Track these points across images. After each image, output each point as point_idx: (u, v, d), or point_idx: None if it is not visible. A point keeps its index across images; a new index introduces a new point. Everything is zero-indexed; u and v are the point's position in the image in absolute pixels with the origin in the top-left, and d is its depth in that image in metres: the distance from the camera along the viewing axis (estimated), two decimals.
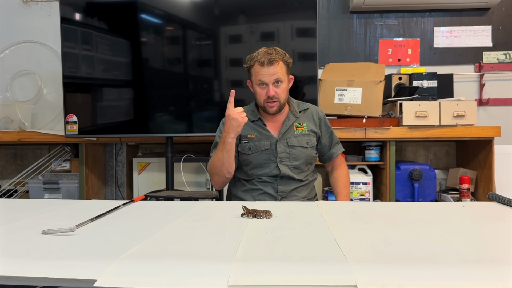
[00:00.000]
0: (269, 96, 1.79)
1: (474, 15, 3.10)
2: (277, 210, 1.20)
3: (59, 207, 1.33)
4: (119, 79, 2.61)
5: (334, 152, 2.00)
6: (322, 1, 3.16)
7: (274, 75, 1.77)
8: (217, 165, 1.82)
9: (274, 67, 1.77)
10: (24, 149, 3.33)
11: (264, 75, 1.77)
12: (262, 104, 1.84)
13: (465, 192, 2.61)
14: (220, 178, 1.87)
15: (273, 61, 1.76)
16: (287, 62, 1.83)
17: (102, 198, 3.15)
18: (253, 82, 1.84)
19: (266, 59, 1.76)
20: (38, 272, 0.70)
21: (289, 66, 1.85)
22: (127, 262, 0.73)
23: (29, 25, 3.29)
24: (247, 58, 1.85)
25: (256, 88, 1.84)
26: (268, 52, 1.78)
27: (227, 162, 1.79)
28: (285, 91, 1.84)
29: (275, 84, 1.79)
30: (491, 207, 1.31)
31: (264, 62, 1.76)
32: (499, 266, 0.72)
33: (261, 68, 1.77)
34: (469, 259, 0.77)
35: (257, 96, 1.85)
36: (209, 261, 0.74)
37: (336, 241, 0.87)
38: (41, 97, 3.19)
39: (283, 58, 1.81)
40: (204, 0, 2.56)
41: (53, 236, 0.93)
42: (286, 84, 1.84)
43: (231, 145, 1.76)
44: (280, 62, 1.79)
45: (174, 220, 1.11)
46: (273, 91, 1.78)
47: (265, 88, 1.80)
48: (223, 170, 1.82)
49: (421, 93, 2.71)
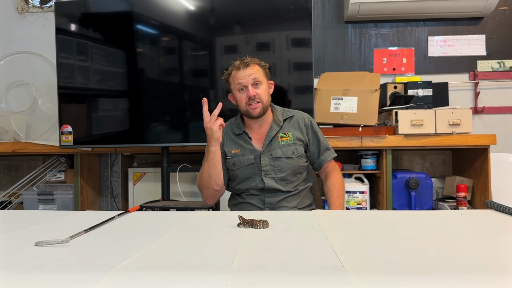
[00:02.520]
0: (250, 96, 1.78)
1: (468, 24, 3.13)
2: (274, 220, 1.19)
3: (53, 218, 1.31)
4: (115, 89, 2.60)
5: (323, 159, 1.92)
6: (317, 11, 3.18)
7: (251, 75, 1.79)
8: (205, 177, 1.81)
9: (250, 68, 1.80)
10: (19, 160, 3.30)
11: (242, 77, 1.79)
12: (244, 108, 1.82)
13: (462, 200, 2.61)
14: (209, 191, 1.85)
15: (248, 63, 1.80)
16: (263, 65, 1.86)
17: (97, 209, 3.12)
18: (233, 90, 1.85)
19: (241, 62, 1.81)
20: (31, 284, 0.69)
21: (266, 70, 1.87)
22: (121, 274, 0.72)
23: (24, 36, 3.29)
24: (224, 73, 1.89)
25: (236, 95, 1.84)
26: (243, 59, 1.83)
27: (214, 172, 1.78)
28: (265, 92, 1.83)
29: (254, 86, 1.80)
30: (489, 215, 1.30)
31: (240, 66, 1.80)
32: (499, 275, 0.71)
33: (238, 71, 1.80)
34: (468, 267, 0.76)
35: (239, 102, 1.84)
36: (205, 272, 0.73)
37: (334, 251, 0.86)
38: (36, 108, 3.18)
39: (258, 62, 1.84)
40: (199, 11, 2.56)
41: (47, 247, 0.91)
42: (266, 86, 1.84)
43: (214, 153, 1.76)
44: (256, 65, 1.82)
45: (169, 231, 1.10)
46: (253, 91, 1.78)
47: (245, 92, 1.81)
48: (211, 182, 1.80)
49: (417, 101, 2.72)
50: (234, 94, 1.85)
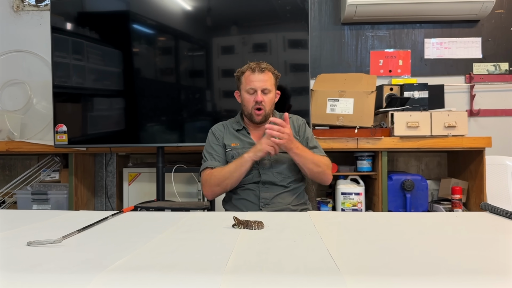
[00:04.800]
0: (257, 101, 1.83)
1: (464, 27, 3.14)
2: (269, 221, 1.19)
3: (46, 218, 1.30)
4: (110, 89, 2.59)
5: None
6: (314, 13, 3.18)
7: (264, 82, 1.84)
8: (224, 174, 1.83)
9: (264, 75, 1.85)
10: (13, 159, 3.28)
11: (255, 81, 1.84)
12: (249, 111, 1.87)
13: (457, 202, 2.61)
14: (220, 189, 1.87)
15: (264, 69, 1.85)
16: (276, 75, 1.91)
17: (92, 209, 3.11)
18: (242, 90, 1.89)
19: (258, 66, 1.85)
20: (22, 284, 0.68)
21: (277, 80, 1.93)
22: (114, 274, 0.71)
23: (20, 34, 3.27)
24: (237, 71, 1.93)
25: (244, 95, 1.88)
26: (259, 63, 1.88)
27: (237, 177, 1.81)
28: (271, 101, 1.89)
29: (263, 92, 1.85)
30: (484, 217, 1.30)
31: (256, 69, 1.85)
32: (494, 277, 0.71)
33: (252, 74, 1.85)
34: (463, 269, 0.76)
35: (245, 103, 1.88)
36: (199, 273, 0.72)
37: (329, 252, 0.86)
38: (30, 107, 3.16)
39: (272, 71, 1.90)
40: (196, 11, 2.55)
41: (39, 247, 0.90)
42: (273, 95, 1.90)
43: (247, 162, 1.79)
44: (270, 73, 1.88)
45: (163, 231, 1.09)
46: (261, 97, 1.84)
47: (254, 95, 1.85)
48: (228, 183, 1.83)
49: (412, 103, 2.72)
50: (242, 94, 1.90)
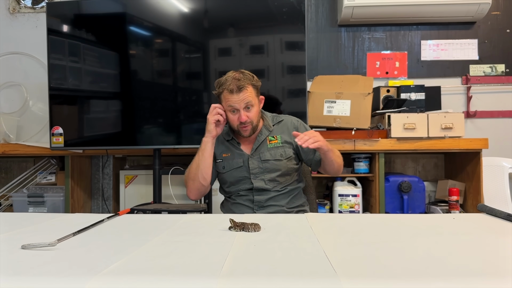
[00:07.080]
0: (241, 121, 1.78)
1: (461, 28, 3.15)
2: (265, 223, 1.18)
3: (42, 221, 1.30)
4: (107, 91, 2.58)
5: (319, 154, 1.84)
6: (311, 15, 3.19)
7: (244, 100, 1.76)
8: (193, 167, 1.86)
9: (244, 93, 1.75)
10: (9, 162, 3.27)
11: (234, 102, 1.76)
12: (235, 128, 1.83)
13: (454, 204, 2.61)
14: (195, 184, 1.86)
15: (242, 88, 1.74)
16: (256, 85, 1.81)
17: (88, 211, 3.09)
18: (225, 107, 1.82)
19: (235, 86, 1.74)
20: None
21: (258, 88, 1.83)
22: (108, 277, 0.70)
23: (16, 37, 3.26)
24: (215, 83, 1.83)
25: (228, 114, 1.82)
26: (236, 78, 1.76)
27: (202, 164, 1.82)
28: (256, 113, 1.83)
29: (246, 109, 1.78)
30: (481, 219, 1.30)
31: (234, 90, 1.74)
32: (491, 278, 0.71)
33: (231, 95, 1.75)
34: (460, 271, 0.76)
35: (230, 122, 1.83)
36: (194, 276, 0.72)
37: (326, 255, 0.85)
38: (27, 109, 3.15)
39: (251, 82, 1.79)
40: (193, 13, 2.55)
41: (33, 250, 0.90)
42: (257, 107, 1.83)
43: (205, 144, 1.82)
44: (249, 87, 1.77)
45: (159, 234, 1.08)
46: (245, 116, 1.77)
47: (237, 114, 1.78)
48: (198, 174, 1.83)
49: (409, 105, 2.72)
50: (226, 111, 1.82)
